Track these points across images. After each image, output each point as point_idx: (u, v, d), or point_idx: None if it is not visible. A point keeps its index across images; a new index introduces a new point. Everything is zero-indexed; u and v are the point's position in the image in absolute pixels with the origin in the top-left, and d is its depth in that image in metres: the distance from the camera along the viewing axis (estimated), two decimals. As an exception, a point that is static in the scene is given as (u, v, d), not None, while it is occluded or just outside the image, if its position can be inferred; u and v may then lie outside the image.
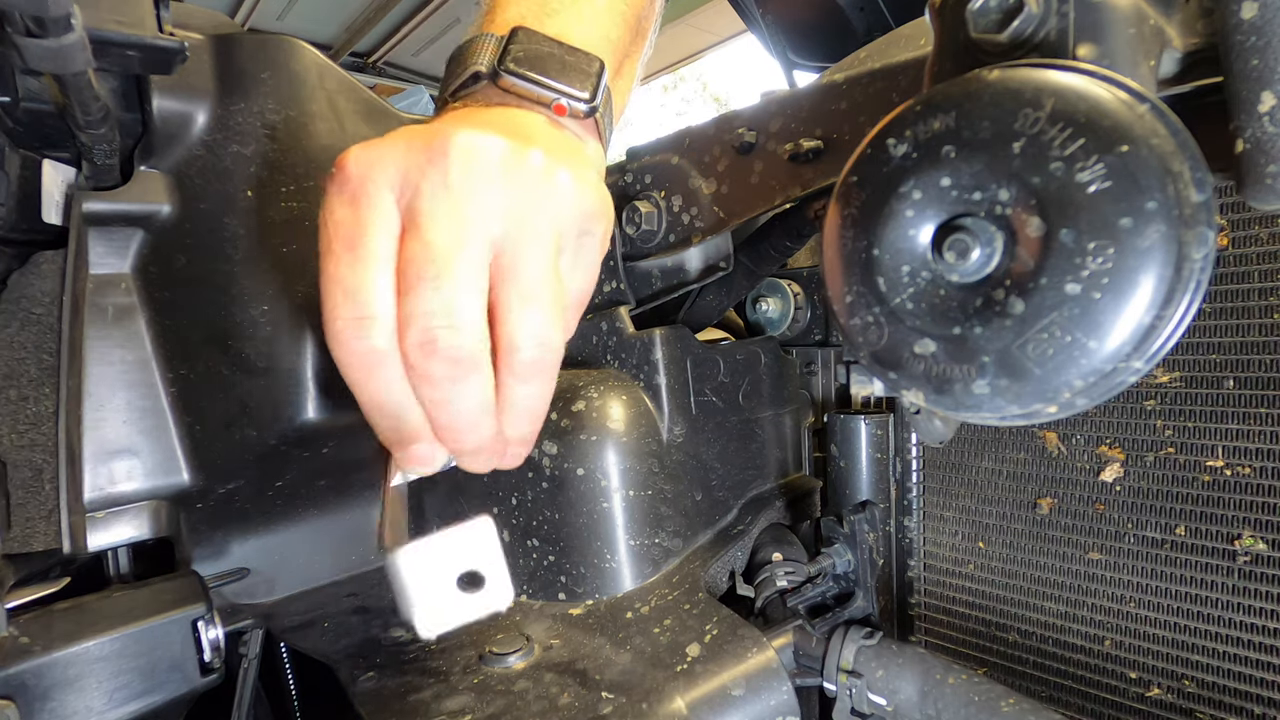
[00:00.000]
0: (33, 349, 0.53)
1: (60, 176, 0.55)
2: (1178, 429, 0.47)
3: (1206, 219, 0.27)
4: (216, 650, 0.49)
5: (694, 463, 0.59)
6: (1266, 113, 0.28)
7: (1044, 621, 0.53)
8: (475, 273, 0.32)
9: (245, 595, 0.59)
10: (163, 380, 0.58)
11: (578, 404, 0.54)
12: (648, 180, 0.61)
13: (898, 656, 0.47)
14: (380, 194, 0.32)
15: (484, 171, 0.32)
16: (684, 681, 0.43)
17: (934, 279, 0.32)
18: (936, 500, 0.59)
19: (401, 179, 0.32)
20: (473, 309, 0.31)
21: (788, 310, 0.70)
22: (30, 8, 0.38)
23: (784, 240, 0.60)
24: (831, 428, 0.62)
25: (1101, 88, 0.28)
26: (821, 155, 0.49)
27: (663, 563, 0.55)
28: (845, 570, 0.55)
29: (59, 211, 0.55)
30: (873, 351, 0.34)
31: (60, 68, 0.42)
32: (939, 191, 0.31)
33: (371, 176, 0.32)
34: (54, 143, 0.54)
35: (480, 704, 0.42)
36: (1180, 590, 0.47)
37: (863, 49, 0.50)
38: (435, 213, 0.31)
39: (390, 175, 0.32)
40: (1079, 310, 0.28)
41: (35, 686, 0.42)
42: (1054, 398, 0.29)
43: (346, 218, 0.32)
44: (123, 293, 0.57)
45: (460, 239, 0.31)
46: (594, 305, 0.63)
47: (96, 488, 0.54)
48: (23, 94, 0.49)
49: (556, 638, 0.49)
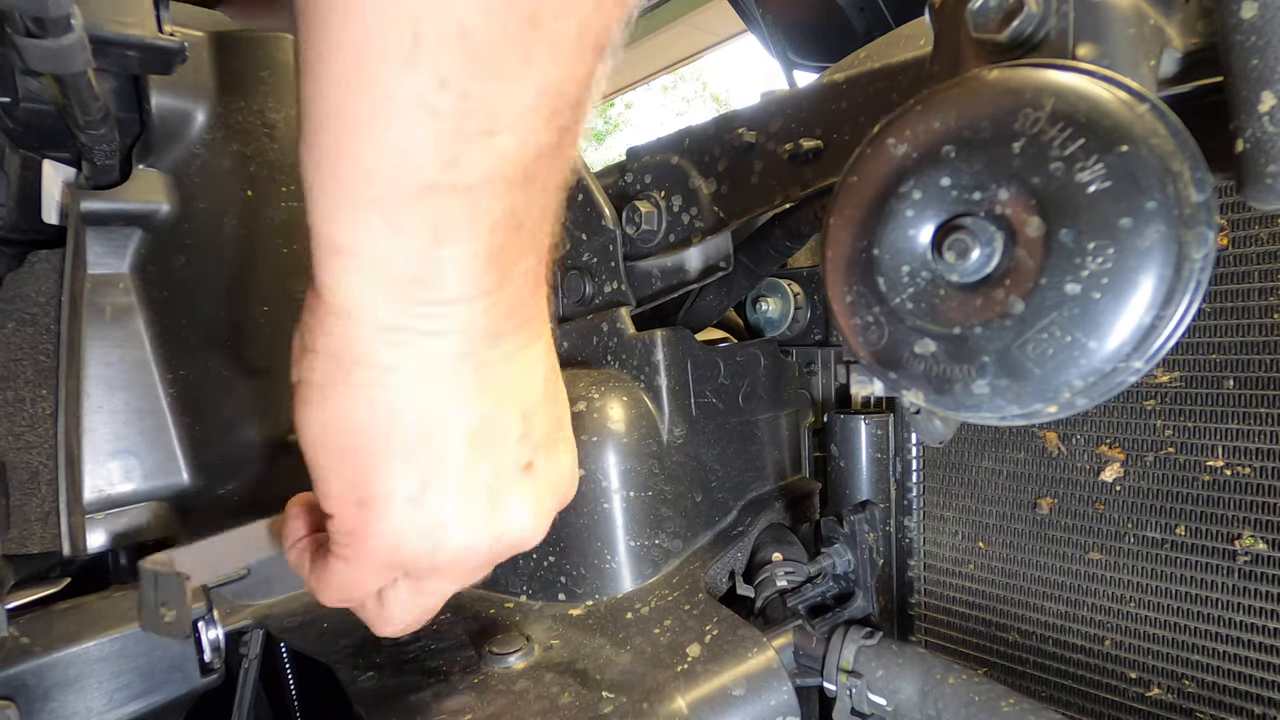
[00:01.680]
0: (29, 350, 0.53)
1: (60, 176, 0.55)
2: (1178, 429, 0.47)
3: (1206, 219, 0.27)
4: (216, 650, 0.49)
5: (694, 464, 0.59)
6: (1266, 113, 0.28)
7: (1044, 621, 0.53)
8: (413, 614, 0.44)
9: (245, 595, 0.59)
10: (162, 381, 0.57)
11: (578, 405, 0.54)
12: (648, 180, 0.61)
13: (898, 656, 0.47)
14: (378, 578, 0.42)
15: (456, 577, 0.43)
16: (684, 681, 0.43)
17: (934, 279, 0.32)
18: (936, 500, 0.59)
19: (399, 570, 0.42)
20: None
21: (788, 310, 0.70)
22: (30, 8, 0.38)
23: (784, 240, 0.60)
24: (831, 428, 0.62)
25: (1101, 87, 0.28)
26: (821, 155, 0.49)
27: (663, 563, 0.55)
28: (845, 570, 0.55)
29: (58, 211, 0.55)
30: (873, 351, 0.34)
31: (60, 68, 0.42)
32: (939, 191, 0.31)
33: (378, 573, 0.41)
34: (54, 143, 0.54)
35: (480, 704, 0.42)
36: (1180, 590, 0.47)
37: (863, 49, 0.50)
38: (403, 601, 0.43)
39: (386, 575, 0.42)
40: (1079, 310, 0.28)
41: (36, 686, 0.42)
42: (1054, 398, 0.29)
43: (353, 578, 0.41)
44: (121, 292, 0.57)
45: (423, 609, 0.44)
46: (594, 306, 0.63)
47: (96, 489, 0.54)
48: (23, 94, 0.49)
49: (557, 638, 0.49)
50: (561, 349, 0.64)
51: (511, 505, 0.41)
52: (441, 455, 0.38)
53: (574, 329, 0.63)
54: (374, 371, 0.37)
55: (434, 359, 0.36)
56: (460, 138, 0.30)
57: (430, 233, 0.32)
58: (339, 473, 0.40)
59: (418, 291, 0.34)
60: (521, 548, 0.43)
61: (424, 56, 0.28)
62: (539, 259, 0.37)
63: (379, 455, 0.38)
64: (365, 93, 0.29)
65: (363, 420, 0.38)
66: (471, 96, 0.29)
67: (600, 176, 0.67)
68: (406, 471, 0.38)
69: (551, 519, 0.43)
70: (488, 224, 0.33)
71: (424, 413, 0.37)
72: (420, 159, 0.30)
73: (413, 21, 0.27)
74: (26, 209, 0.53)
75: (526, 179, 0.32)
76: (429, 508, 0.39)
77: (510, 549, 0.43)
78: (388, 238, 0.32)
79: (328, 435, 0.39)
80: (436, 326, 0.35)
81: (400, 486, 0.38)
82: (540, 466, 0.42)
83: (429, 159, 0.30)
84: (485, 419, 0.38)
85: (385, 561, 0.40)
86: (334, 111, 0.30)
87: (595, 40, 0.30)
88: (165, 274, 0.57)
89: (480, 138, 0.30)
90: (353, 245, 0.34)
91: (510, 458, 0.40)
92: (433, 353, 0.36)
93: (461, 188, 0.31)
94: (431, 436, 0.38)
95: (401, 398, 0.37)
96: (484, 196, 0.32)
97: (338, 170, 0.32)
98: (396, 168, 0.30)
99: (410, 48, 0.27)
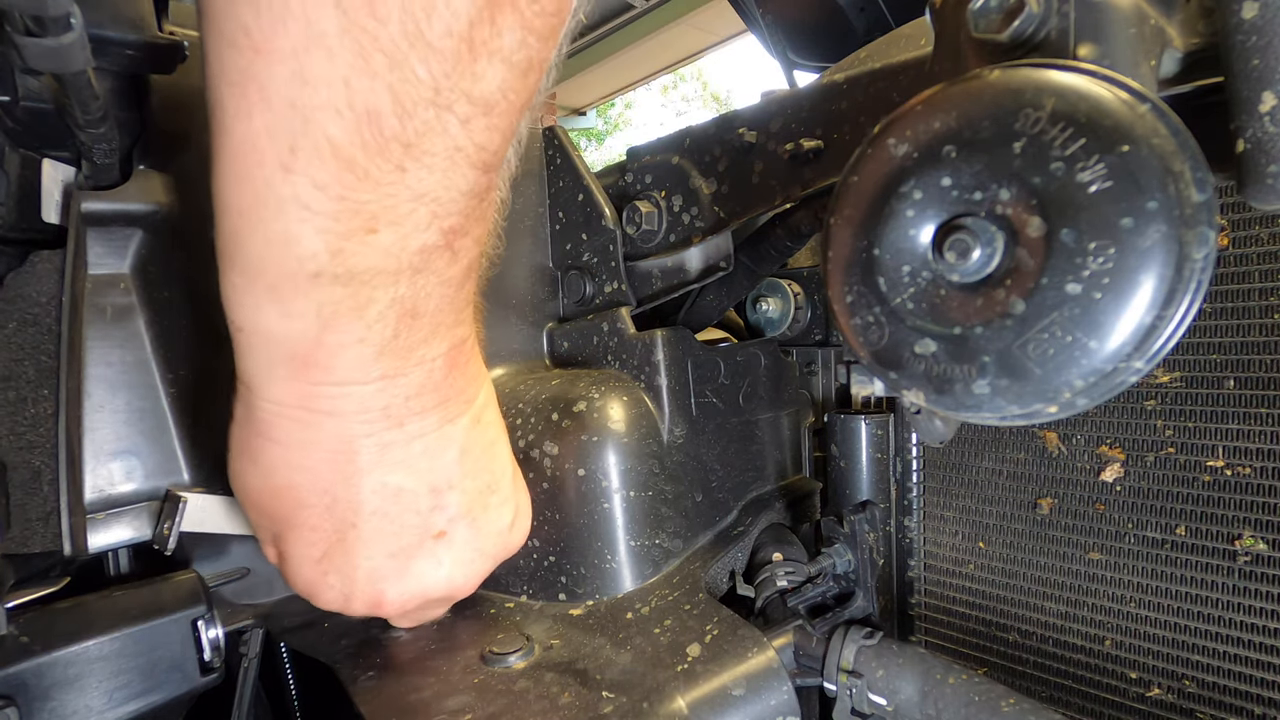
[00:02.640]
0: (30, 350, 0.53)
1: (60, 176, 0.55)
2: (1178, 429, 0.47)
3: (1207, 219, 0.27)
4: (217, 650, 0.49)
5: (694, 464, 0.59)
6: (1267, 113, 0.28)
7: (1044, 621, 0.53)
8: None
9: (245, 595, 0.59)
10: (162, 381, 0.57)
11: (578, 404, 0.54)
12: (648, 180, 0.61)
13: (898, 656, 0.47)
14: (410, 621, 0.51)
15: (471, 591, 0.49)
16: (684, 681, 0.43)
17: (934, 279, 0.32)
18: (937, 500, 0.59)
19: (424, 614, 0.50)
20: None
21: (788, 310, 0.70)
22: (30, 7, 0.37)
23: (784, 240, 0.60)
24: (832, 428, 0.62)
25: (1102, 87, 0.28)
26: (821, 155, 0.49)
27: (663, 563, 0.55)
28: (845, 570, 0.55)
29: (58, 211, 0.55)
30: (873, 351, 0.34)
31: (60, 67, 0.42)
32: (940, 191, 0.31)
33: (407, 618, 0.50)
34: (53, 142, 0.54)
35: (480, 703, 0.42)
36: (1180, 590, 0.47)
37: (863, 49, 0.50)
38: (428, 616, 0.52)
39: (417, 615, 0.50)
40: (1080, 310, 0.28)
41: (35, 686, 0.42)
42: (1054, 398, 0.29)
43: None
44: (121, 293, 0.57)
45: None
46: (594, 306, 0.63)
47: (96, 489, 0.54)
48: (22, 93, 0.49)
49: (557, 638, 0.49)
50: (561, 349, 0.64)
51: (418, 571, 0.44)
52: (342, 526, 0.41)
53: (574, 329, 0.63)
54: (274, 446, 0.39)
55: (335, 436, 0.38)
56: (342, 233, 0.32)
57: (317, 318, 0.34)
58: (259, 525, 0.44)
59: (309, 374, 0.36)
60: (451, 599, 0.48)
61: (300, 165, 0.31)
62: (453, 345, 0.39)
63: (287, 520, 0.41)
64: (254, 191, 0.32)
65: (274, 484, 0.41)
66: (348, 199, 0.32)
67: (600, 176, 0.67)
68: (311, 538, 0.41)
69: (484, 571, 0.47)
70: (374, 311, 0.35)
71: (326, 486, 0.40)
72: (306, 250, 0.32)
73: (289, 134, 0.30)
74: (26, 208, 0.53)
75: (415, 270, 0.35)
76: (336, 569, 0.42)
77: (436, 602, 0.47)
78: (279, 320, 0.35)
79: (246, 492, 0.42)
80: (331, 407, 0.37)
81: (306, 551, 0.42)
82: (458, 534, 0.44)
83: (315, 250, 0.32)
84: (390, 494, 0.41)
85: (322, 606, 0.44)
86: (232, 204, 0.33)
87: (472, 159, 0.33)
88: (166, 274, 0.57)
89: (361, 233, 0.32)
90: (249, 326, 0.36)
91: (417, 527, 0.42)
92: (334, 431, 0.38)
93: (345, 276, 0.33)
94: (335, 507, 0.40)
95: (303, 471, 0.39)
96: (368, 286, 0.34)
97: (235, 256, 0.34)
98: (285, 257, 0.33)
99: (288, 157, 0.31)
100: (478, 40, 0.30)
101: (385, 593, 0.43)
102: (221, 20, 0.30)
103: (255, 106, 0.30)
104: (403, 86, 0.30)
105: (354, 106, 0.30)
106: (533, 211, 0.65)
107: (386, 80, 0.30)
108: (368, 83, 0.30)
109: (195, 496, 0.52)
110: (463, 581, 0.46)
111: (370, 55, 0.29)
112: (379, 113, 0.30)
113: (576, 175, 0.64)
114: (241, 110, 0.31)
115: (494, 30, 0.30)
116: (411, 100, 0.30)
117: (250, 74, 0.30)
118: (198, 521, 0.52)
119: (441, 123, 0.31)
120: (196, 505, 0.52)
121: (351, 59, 0.29)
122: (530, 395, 0.57)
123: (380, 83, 0.30)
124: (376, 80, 0.29)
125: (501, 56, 0.31)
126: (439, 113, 0.31)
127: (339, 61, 0.29)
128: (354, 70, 0.29)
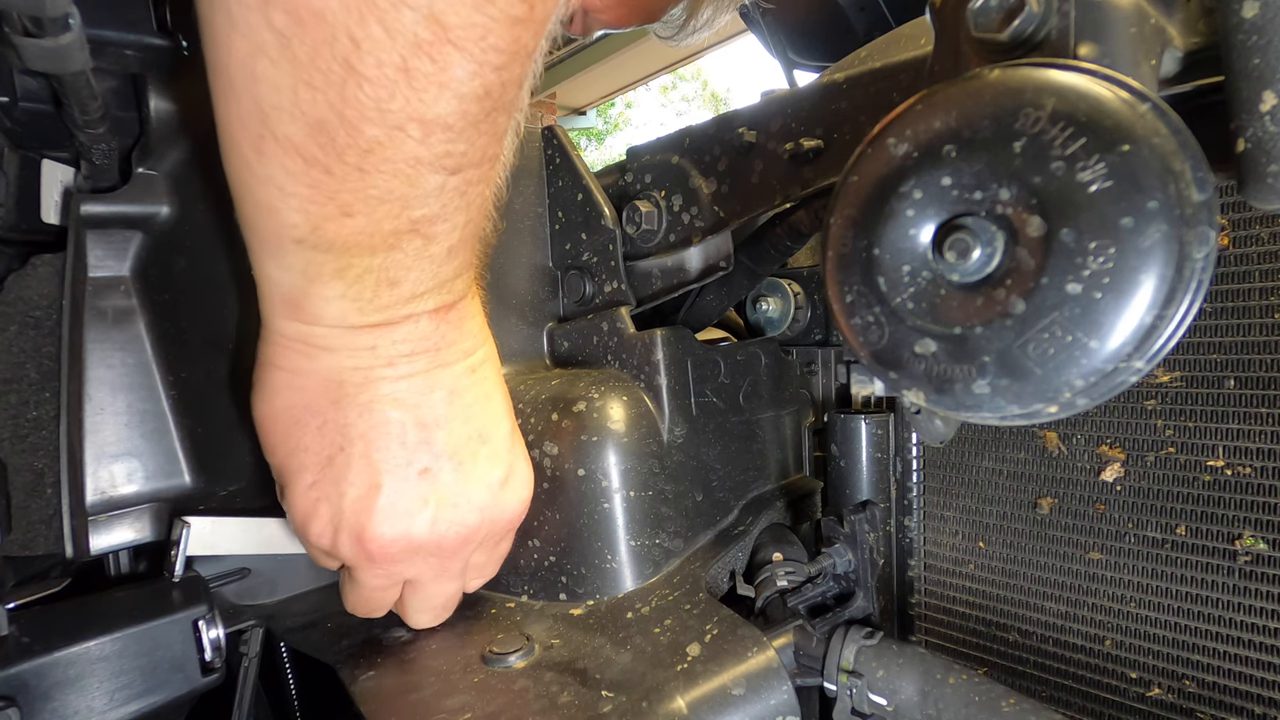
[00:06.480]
0: (32, 353, 0.53)
1: (59, 176, 0.55)
2: (1178, 429, 0.47)
3: (1208, 218, 0.27)
4: (217, 650, 0.49)
5: (695, 463, 0.59)
6: (1268, 112, 0.28)
7: (1044, 621, 0.53)
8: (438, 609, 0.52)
9: (246, 595, 0.59)
10: (163, 383, 0.58)
11: (578, 404, 0.54)
12: (648, 180, 0.61)
13: (898, 656, 0.47)
14: (400, 575, 0.48)
15: (460, 551, 0.48)
16: (684, 681, 0.43)
17: (934, 279, 0.32)
18: (937, 500, 0.59)
19: (414, 569, 0.47)
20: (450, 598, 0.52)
21: (788, 310, 0.69)
22: (28, 8, 0.37)
23: (784, 240, 0.60)
24: (832, 427, 0.62)
25: (1103, 87, 0.28)
26: (821, 155, 0.49)
27: (663, 563, 0.55)
28: (845, 570, 0.55)
29: (58, 211, 0.55)
30: (873, 351, 0.34)
31: (59, 68, 0.42)
32: (940, 191, 0.31)
33: (396, 567, 0.46)
34: (53, 143, 0.54)
35: (480, 703, 0.42)
36: (1181, 590, 0.47)
37: (863, 49, 0.50)
38: (429, 590, 0.50)
39: (407, 568, 0.47)
40: (1080, 310, 0.28)
41: (37, 686, 0.42)
42: (1055, 397, 0.29)
43: (379, 585, 0.48)
44: (122, 295, 0.57)
45: (447, 599, 0.52)
46: (594, 306, 0.63)
47: (98, 491, 0.54)
48: (21, 94, 0.49)
49: (557, 638, 0.49)
50: (561, 349, 0.64)
51: (404, 508, 0.44)
52: (331, 448, 0.43)
53: (574, 329, 0.63)
54: (280, 372, 0.43)
55: (329, 367, 0.42)
56: (319, 215, 0.35)
57: (303, 275, 0.38)
58: (270, 461, 0.46)
59: (302, 316, 0.40)
60: (440, 553, 0.47)
61: (269, 153, 0.34)
62: (440, 305, 0.42)
63: (285, 443, 0.44)
64: (241, 162, 0.36)
65: (276, 407, 0.44)
66: (319, 187, 0.34)
67: (600, 176, 0.67)
68: (304, 460, 0.44)
69: (473, 526, 0.47)
70: (353, 274, 0.38)
71: (318, 407, 0.43)
72: (288, 221, 0.36)
73: (257, 125, 0.33)
74: (25, 209, 0.53)
75: (390, 249, 0.37)
76: (324, 496, 0.44)
77: (422, 550, 0.46)
78: (275, 270, 0.40)
79: (260, 420, 0.45)
80: (325, 344, 0.41)
81: (300, 476, 0.44)
82: (443, 473, 0.45)
83: (295, 222, 0.36)
84: (377, 421, 0.43)
85: (315, 545, 0.46)
86: (230, 167, 0.37)
87: (436, 166, 0.35)
88: (166, 277, 0.57)
89: (337, 216, 0.35)
90: (259, 270, 0.41)
91: (402, 459, 0.44)
92: (329, 362, 0.42)
93: (324, 245, 0.37)
94: (325, 429, 0.43)
95: (300, 392, 0.43)
96: (347, 254, 0.37)
97: (241, 215, 0.39)
98: (272, 224, 0.37)
99: (259, 143, 0.34)
100: (417, 72, 0.31)
101: (368, 527, 0.43)
102: (203, 8, 0.33)
103: (228, 96, 0.34)
104: (345, 106, 0.32)
105: (305, 114, 0.32)
106: (532, 211, 0.65)
107: (327, 97, 0.32)
108: (311, 95, 0.32)
109: (199, 521, 0.52)
110: (447, 529, 0.45)
111: (309, 73, 0.31)
112: (327, 123, 0.32)
113: (576, 175, 0.64)
114: (220, 95, 0.35)
115: (437, 66, 0.31)
116: (357, 117, 0.32)
117: (219, 67, 0.33)
118: (207, 545, 0.53)
119: (394, 140, 0.33)
120: (201, 530, 0.52)
121: (293, 71, 0.31)
122: (530, 395, 0.57)
123: (322, 98, 0.32)
124: (318, 95, 0.32)
125: (452, 89, 0.32)
126: (389, 131, 0.33)
127: (283, 72, 0.31)
128: (298, 81, 0.31)
